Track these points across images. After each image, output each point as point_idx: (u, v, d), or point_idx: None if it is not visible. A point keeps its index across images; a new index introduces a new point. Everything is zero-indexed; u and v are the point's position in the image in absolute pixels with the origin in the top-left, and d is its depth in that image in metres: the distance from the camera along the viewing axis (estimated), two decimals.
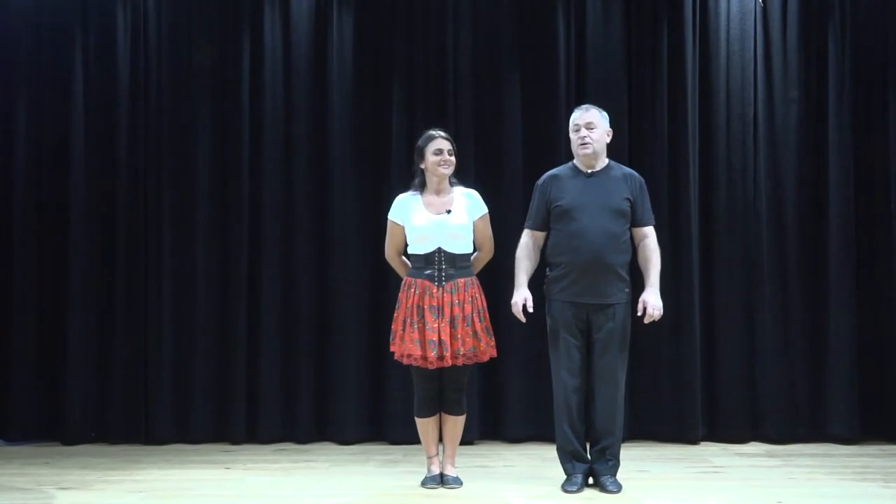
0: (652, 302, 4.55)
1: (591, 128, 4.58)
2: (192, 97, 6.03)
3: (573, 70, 5.99)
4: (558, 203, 4.60)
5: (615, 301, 4.53)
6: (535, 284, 4.69)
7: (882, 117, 5.93)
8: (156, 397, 5.89)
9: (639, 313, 4.58)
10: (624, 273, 4.57)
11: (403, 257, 4.78)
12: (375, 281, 5.83)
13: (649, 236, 4.63)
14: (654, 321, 4.60)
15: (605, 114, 4.67)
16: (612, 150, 4.77)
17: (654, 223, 4.67)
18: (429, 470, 4.76)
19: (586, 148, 4.58)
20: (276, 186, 5.99)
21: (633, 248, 4.65)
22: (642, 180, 4.68)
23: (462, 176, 4.89)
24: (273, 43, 6.02)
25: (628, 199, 4.58)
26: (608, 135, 4.67)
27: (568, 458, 4.61)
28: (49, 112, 6.09)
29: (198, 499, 4.57)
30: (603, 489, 4.53)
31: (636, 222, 4.62)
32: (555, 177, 4.70)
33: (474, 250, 4.73)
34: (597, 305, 4.52)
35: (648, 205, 4.67)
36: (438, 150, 4.63)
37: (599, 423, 4.56)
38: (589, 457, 4.64)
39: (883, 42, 5.94)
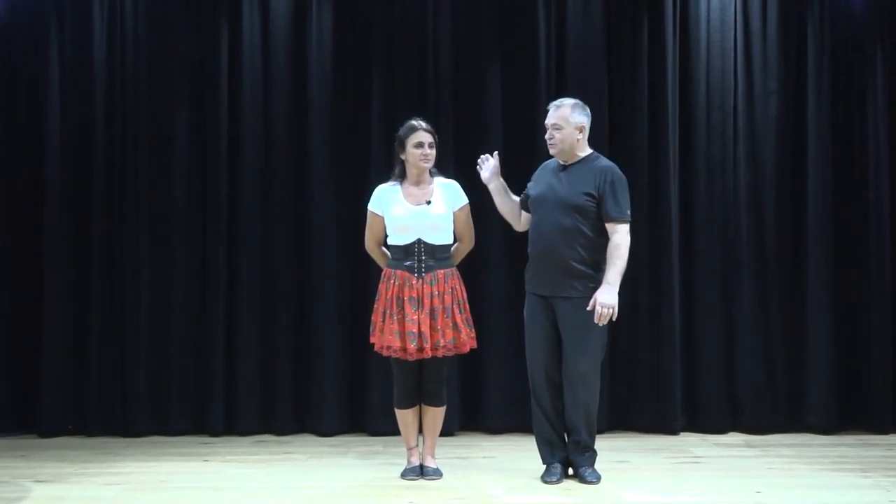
0: (601, 300, 4.37)
1: (556, 128, 4.58)
2: (170, 89, 5.94)
3: (553, 60, 5.96)
4: (529, 192, 4.70)
5: (575, 295, 4.47)
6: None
7: (860, 109, 5.94)
8: (133, 390, 5.83)
9: (588, 308, 4.43)
10: (582, 268, 4.46)
11: (383, 248, 4.75)
12: (355, 272, 5.80)
13: (616, 232, 4.46)
14: (611, 321, 4.42)
15: (578, 107, 4.60)
16: (592, 141, 4.74)
17: (624, 219, 4.47)
18: (408, 461, 4.75)
19: (552, 148, 4.63)
20: (255, 178, 5.93)
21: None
22: (616, 175, 4.53)
23: (442, 166, 4.87)
24: (251, 33, 5.95)
25: (591, 193, 4.48)
26: (579, 130, 4.57)
27: (545, 446, 4.62)
28: (23, 105, 5.99)
29: (176, 491, 4.54)
30: (582, 480, 4.54)
31: (603, 217, 4.51)
32: (542, 166, 4.80)
33: (454, 241, 4.71)
34: (560, 298, 4.51)
35: (620, 200, 4.48)
36: (419, 143, 4.59)
37: (569, 416, 4.55)
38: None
39: (862, 34, 5.95)
